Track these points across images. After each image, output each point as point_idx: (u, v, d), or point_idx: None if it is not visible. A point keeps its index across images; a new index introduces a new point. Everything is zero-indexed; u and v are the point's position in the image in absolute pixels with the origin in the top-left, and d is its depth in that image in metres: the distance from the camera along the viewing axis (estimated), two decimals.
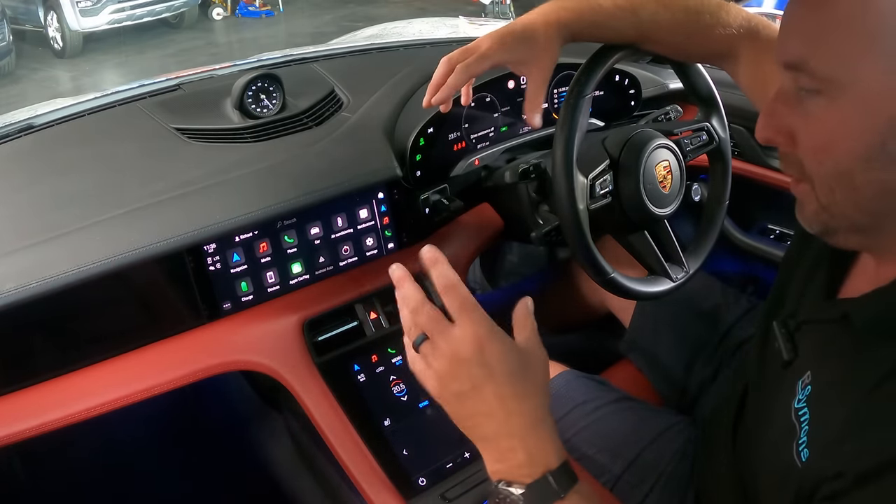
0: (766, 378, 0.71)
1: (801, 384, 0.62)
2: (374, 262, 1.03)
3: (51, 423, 0.81)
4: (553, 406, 0.97)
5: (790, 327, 0.67)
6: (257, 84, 1.03)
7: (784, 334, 0.67)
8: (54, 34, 7.27)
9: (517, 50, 0.83)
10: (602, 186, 0.91)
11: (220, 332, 0.91)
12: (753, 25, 0.84)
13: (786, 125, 0.57)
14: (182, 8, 8.03)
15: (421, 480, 0.87)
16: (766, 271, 1.42)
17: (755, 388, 0.74)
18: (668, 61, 0.96)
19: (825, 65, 0.52)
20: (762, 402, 0.71)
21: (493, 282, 1.77)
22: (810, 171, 0.57)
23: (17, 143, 0.98)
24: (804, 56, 0.53)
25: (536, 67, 0.84)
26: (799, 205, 0.61)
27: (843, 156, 0.53)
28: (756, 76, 0.84)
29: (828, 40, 0.52)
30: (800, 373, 0.63)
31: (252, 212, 0.89)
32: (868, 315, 0.57)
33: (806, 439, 0.58)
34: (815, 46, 0.52)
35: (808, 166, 0.57)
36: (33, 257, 0.79)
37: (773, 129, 0.58)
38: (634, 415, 0.98)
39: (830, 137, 0.54)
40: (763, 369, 0.72)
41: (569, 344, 1.42)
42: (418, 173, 1.02)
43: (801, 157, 0.57)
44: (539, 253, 1.70)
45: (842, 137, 0.53)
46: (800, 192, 0.60)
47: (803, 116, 0.55)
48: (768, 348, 0.71)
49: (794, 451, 0.59)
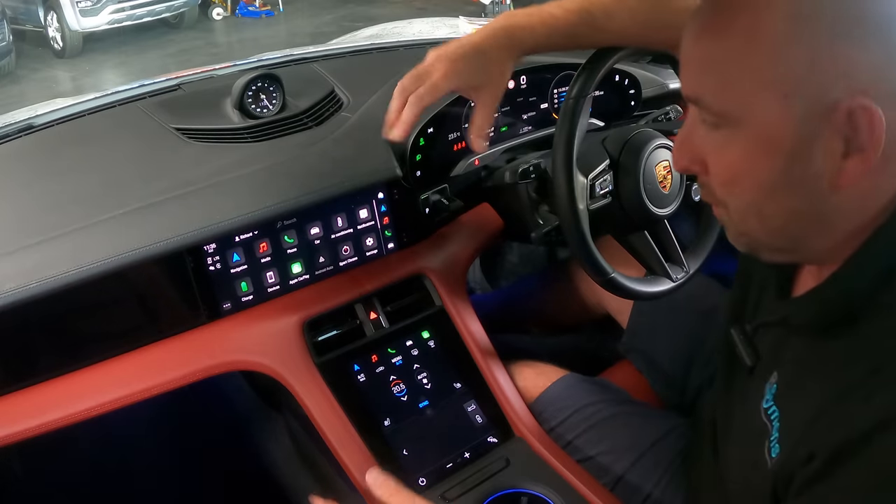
0: (733, 386, 0.72)
1: (767, 385, 0.62)
2: (374, 262, 1.03)
3: (51, 423, 0.81)
4: (554, 410, 0.99)
5: (748, 332, 0.68)
6: (257, 84, 1.03)
7: (743, 340, 0.68)
8: (54, 34, 7.27)
9: (468, 76, 0.82)
10: (602, 186, 0.91)
11: (219, 332, 0.91)
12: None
13: (698, 153, 0.58)
14: (182, 8, 8.03)
15: (421, 480, 0.87)
16: None
17: (722, 398, 0.75)
18: (667, 60, 0.96)
19: (718, 100, 0.53)
20: (728, 411, 0.72)
21: (493, 282, 1.77)
22: (723, 201, 0.58)
23: (17, 143, 0.98)
24: (697, 91, 0.54)
25: (487, 92, 0.84)
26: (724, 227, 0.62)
27: (748, 188, 0.54)
28: None
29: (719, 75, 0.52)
30: (766, 375, 0.63)
31: (252, 212, 0.89)
32: (805, 316, 0.58)
33: (777, 435, 0.59)
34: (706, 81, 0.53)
35: (721, 196, 0.58)
36: (33, 257, 0.79)
37: (688, 158, 0.59)
38: (636, 418, 0.98)
39: (735, 171, 0.55)
40: (729, 377, 0.73)
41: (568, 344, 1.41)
42: (418, 173, 1.02)
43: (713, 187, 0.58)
44: (539, 253, 1.70)
45: (745, 171, 0.54)
46: (719, 216, 0.61)
47: (713, 146, 0.56)
48: (730, 356, 0.72)
49: (766, 450, 0.59)
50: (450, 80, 0.81)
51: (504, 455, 0.90)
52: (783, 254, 0.60)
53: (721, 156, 0.55)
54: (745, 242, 0.61)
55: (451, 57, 0.82)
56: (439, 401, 0.94)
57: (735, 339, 0.68)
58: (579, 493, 0.85)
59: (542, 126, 1.18)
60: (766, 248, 0.60)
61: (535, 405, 1.00)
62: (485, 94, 0.84)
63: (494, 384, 0.98)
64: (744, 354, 0.67)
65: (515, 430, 0.94)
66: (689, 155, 0.59)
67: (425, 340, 1.00)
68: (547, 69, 1.16)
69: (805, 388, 0.57)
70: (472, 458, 0.90)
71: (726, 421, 0.74)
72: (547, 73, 1.16)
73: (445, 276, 1.05)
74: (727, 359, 0.75)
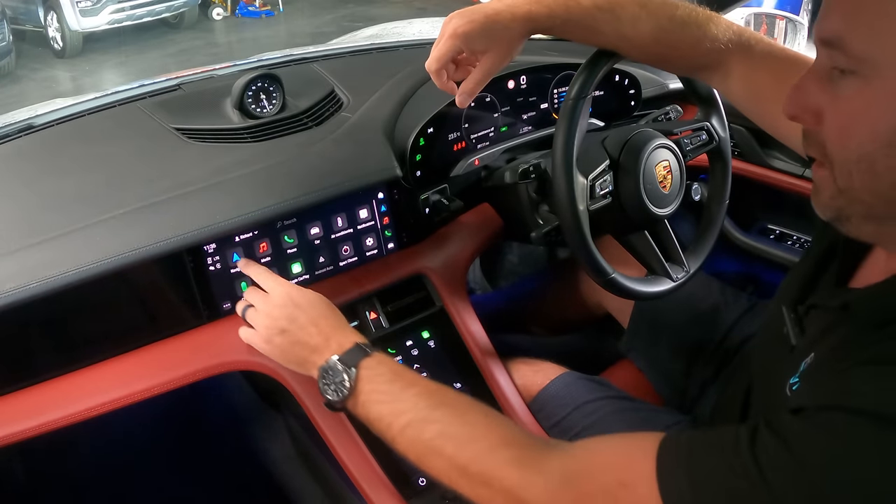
0: (773, 363, 0.71)
1: (804, 364, 0.63)
2: (374, 262, 1.03)
3: (51, 423, 0.81)
4: (554, 407, 0.98)
5: (799, 312, 0.67)
6: (257, 84, 1.03)
7: (793, 319, 0.67)
8: (54, 34, 7.27)
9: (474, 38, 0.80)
10: (602, 187, 0.91)
11: (220, 332, 0.91)
12: (745, 40, 0.82)
13: (813, 103, 0.56)
14: (182, 8, 8.02)
15: (421, 481, 0.87)
16: (766, 271, 1.42)
17: (761, 375, 0.75)
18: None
19: (861, 43, 0.51)
20: (768, 388, 0.71)
21: (493, 282, 1.77)
22: (832, 153, 0.56)
23: (18, 143, 0.98)
24: (841, 33, 0.53)
25: (489, 58, 0.82)
26: (815, 190, 0.61)
27: (866, 139, 0.53)
28: (749, 91, 0.83)
29: (867, 19, 0.51)
30: (804, 355, 0.63)
31: (252, 212, 0.89)
32: (868, 306, 0.57)
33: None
34: (853, 24, 0.52)
35: (830, 148, 0.56)
36: (34, 257, 0.79)
37: (801, 106, 0.58)
38: (635, 416, 0.98)
39: (857, 119, 0.53)
40: (770, 355, 0.73)
41: (569, 344, 1.42)
42: (418, 173, 1.02)
43: (825, 137, 0.56)
44: (539, 253, 1.70)
45: (868, 120, 0.52)
46: (818, 177, 0.59)
47: (833, 96, 0.55)
48: (776, 334, 0.72)
49: None
50: (456, 38, 0.80)
51: None
52: (875, 224, 0.58)
53: (846, 103, 0.54)
54: (839, 206, 0.58)
55: (463, 15, 0.81)
56: None
57: (785, 318, 0.68)
58: None
59: (542, 126, 1.18)
60: (858, 215, 0.58)
61: (533, 403, 1.00)
62: (487, 59, 0.82)
63: (494, 384, 0.98)
64: (791, 334, 0.67)
65: None
66: (802, 103, 0.57)
67: (425, 340, 1.00)
68: (547, 69, 1.16)
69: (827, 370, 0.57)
70: None
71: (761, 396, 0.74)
72: (547, 73, 1.16)
73: (445, 276, 1.05)
74: (768, 336, 0.75)
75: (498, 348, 1.04)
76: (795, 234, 1.38)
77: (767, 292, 1.39)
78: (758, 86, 0.82)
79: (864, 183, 0.55)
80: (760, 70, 0.81)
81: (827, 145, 0.56)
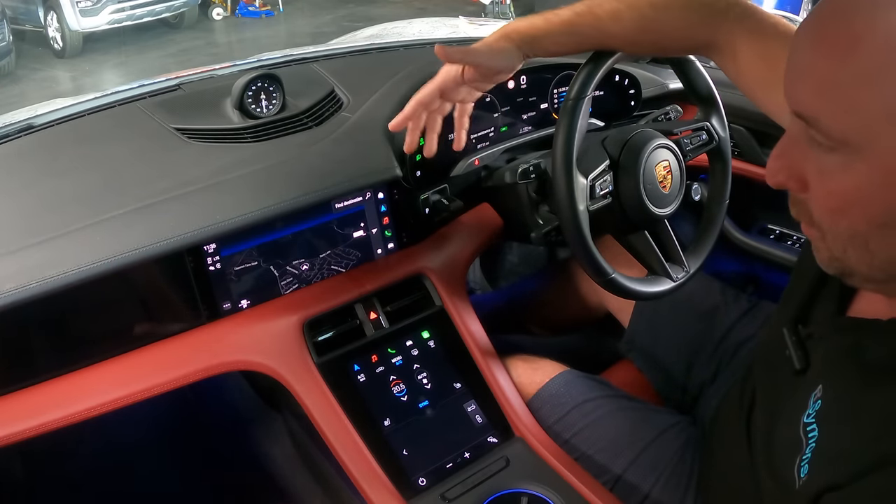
0: (776, 384, 0.70)
1: (813, 397, 0.60)
2: (374, 262, 1.03)
3: (51, 423, 0.81)
4: (553, 406, 0.98)
5: (801, 335, 0.65)
6: (257, 84, 1.02)
7: (794, 342, 0.64)
8: (54, 34, 7.27)
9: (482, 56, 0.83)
10: (602, 187, 0.91)
11: (219, 332, 0.91)
12: (742, 10, 0.78)
13: (797, 171, 0.53)
14: (182, 8, 8.02)
15: (421, 481, 0.87)
16: (766, 271, 1.42)
17: (765, 393, 0.73)
18: (667, 60, 0.96)
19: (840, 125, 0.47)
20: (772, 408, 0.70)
21: (493, 282, 1.77)
22: (821, 225, 0.53)
23: (17, 143, 0.98)
24: (815, 112, 0.48)
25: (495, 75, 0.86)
26: (813, 247, 0.58)
27: (859, 220, 0.50)
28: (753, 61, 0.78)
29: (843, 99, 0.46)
30: (812, 385, 0.61)
31: (252, 212, 0.89)
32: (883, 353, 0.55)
33: (810, 456, 0.57)
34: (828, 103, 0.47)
35: (820, 220, 0.53)
36: (34, 257, 0.79)
37: (785, 175, 0.54)
38: (634, 414, 0.98)
39: (846, 199, 0.49)
40: (773, 374, 0.71)
41: (569, 344, 1.42)
42: (418, 173, 1.02)
43: (812, 207, 0.53)
44: (539, 253, 1.70)
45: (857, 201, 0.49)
46: (811, 237, 0.57)
47: (816, 166, 0.51)
48: (778, 353, 0.70)
49: (796, 467, 0.58)
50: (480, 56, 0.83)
51: (504, 455, 0.90)
52: (876, 284, 0.56)
53: (830, 181, 0.50)
54: (838, 268, 0.56)
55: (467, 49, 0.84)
56: (439, 401, 0.95)
57: (787, 341, 0.65)
58: (579, 494, 0.85)
59: (542, 126, 1.18)
60: (859, 278, 0.56)
61: (532, 402, 1.00)
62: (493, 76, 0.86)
63: (494, 384, 0.98)
64: (794, 358, 0.64)
65: (515, 429, 0.94)
66: (787, 170, 0.53)
67: (425, 340, 1.00)
68: (547, 69, 1.16)
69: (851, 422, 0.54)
70: (472, 458, 0.90)
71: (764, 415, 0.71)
72: (547, 73, 1.16)
73: (445, 276, 1.05)
74: (769, 354, 0.72)
75: (498, 348, 1.04)
76: (795, 234, 1.38)
77: (767, 292, 1.39)
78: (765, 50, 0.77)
79: (859, 257, 0.52)
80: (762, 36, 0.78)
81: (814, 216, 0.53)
